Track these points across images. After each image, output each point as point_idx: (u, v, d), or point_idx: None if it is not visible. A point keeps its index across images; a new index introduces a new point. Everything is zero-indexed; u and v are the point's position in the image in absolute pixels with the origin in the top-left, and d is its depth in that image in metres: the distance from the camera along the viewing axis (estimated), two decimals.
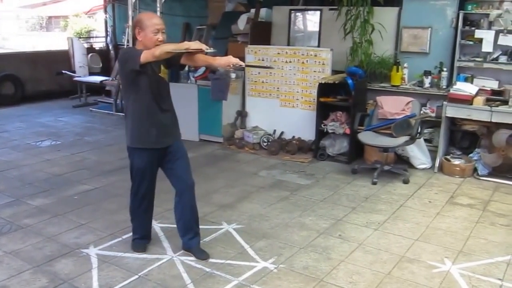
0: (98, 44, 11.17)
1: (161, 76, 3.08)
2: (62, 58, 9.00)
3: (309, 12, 6.45)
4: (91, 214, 3.92)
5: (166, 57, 2.86)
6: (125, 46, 9.17)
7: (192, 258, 3.21)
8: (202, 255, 3.24)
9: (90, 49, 9.94)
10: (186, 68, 6.39)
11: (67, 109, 8.44)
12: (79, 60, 8.94)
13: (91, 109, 8.43)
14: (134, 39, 3.00)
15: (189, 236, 3.27)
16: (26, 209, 4.02)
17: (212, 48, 2.97)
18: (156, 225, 3.72)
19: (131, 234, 3.54)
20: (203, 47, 2.87)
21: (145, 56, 2.78)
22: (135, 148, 3.13)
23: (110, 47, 10.11)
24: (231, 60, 3.02)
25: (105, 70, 9.40)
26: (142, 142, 3.08)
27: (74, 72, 8.89)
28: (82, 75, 8.90)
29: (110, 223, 3.76)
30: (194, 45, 2.86)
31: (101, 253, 3.28)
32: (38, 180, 4.74)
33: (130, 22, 7.87)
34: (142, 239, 3.40)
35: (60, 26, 19.92)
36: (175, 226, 3.63)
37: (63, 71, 8.81)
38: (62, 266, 3.10)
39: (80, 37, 12.23)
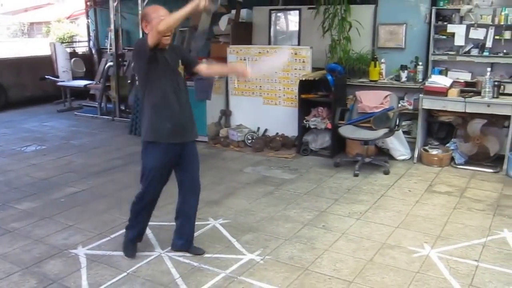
0: (81, 48, 11.13)
1: (178, 70, 3.00)
2: (45, 64, 8.93)
3: (289, 11, 6.55)
4: (78, 215, 3.93)
5: (174, 26, 2.74)
6: (108, 50, 9.20)
7: (180, 254, 3.24)
8: (198, 251, 3.27)
9: (73, 54, 9.87)
10: None
11: (52, 114, 8.39)
12: (62, 65, 8.88)
13: (75, 113, 8.41)
14: (143, 34, 2.95)
15: (188, 239, 3.28)
16: (13, 213, 4.01)
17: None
18: None
19: (119, 233, 3.56)
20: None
21: (151, 36, 2.71)
22: (149, 142, 2.96)
23: (93, 51, 10.08)
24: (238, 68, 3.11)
25: (89, 74, 9.36)
26: (156, 136, 2.94)
27: (57, 77, 8.84)
28: (65, 79, 8.85)
29: (98, 223, 3.77)
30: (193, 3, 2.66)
31: (89, 253, 3.29)
32: (25, 185, 4.71)
33: (112, 26, 7.90)
34: (134, 242, 3.28)
35: (42, 32, 19.73)
36: (163, 223, 3.72)
37: (47, 76, 8.75)
38: (51, 267, 3.11)
39: (63, 42, 12.15)
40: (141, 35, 7.24)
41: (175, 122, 2.96)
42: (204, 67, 3.17)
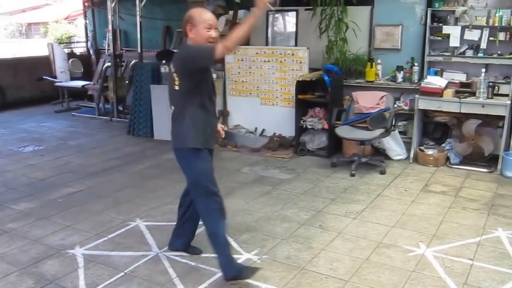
0: (79, 49, 11.17)
1: (213, 82, 2.96)
2: (43, 64, 8.96)
3: (286, 12, 6.58)
4: (76, 216, 3.94)
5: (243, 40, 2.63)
6: (106, 51, 9.22)
7: (178, 253, 3.25)
8: (196, 251, 3.29)
9: (71, 54, 9.91)
10: (167, 70, 6.50)
11: (50, 115, 8.40)
12: (60, 65, 8.90)
13: (73, 113, 8.42)
14: (185, 36, 2.81)
15: (189, 239, 3.28)
16: (10, 213, 4.02)
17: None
18: (141, 223, 3.79)
19: (117, 233, 3.60)
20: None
21: (220, 51, 2.56)
22: (195, 149, 2.83)
23: (91, 52, 10.12)
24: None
25: (87, 75, 9.39)
26: (202, 142, 2.84)
27: (55, 77, 8.87)
28: (63, 80, 8.87)
29: (96, 223, 3.79)
30: (259, 8, 2.56)
31: (87, 253, 3.31)
32: (22, 185, 4.73)
33: (110, 27, 7.93)
34: (242, 266, 3.00)
35: (40, 32, 19.73)
36: (160, 223, 3.75)
37: (44, 77, 8.78)
38: (48, 267, 3.12)
39: (61, 43, 12.17)
40: (136, 35, 7.33)
41: (213, 128, 2.95)
42: None
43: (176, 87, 2.80)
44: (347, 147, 5.57)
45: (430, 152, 5.24)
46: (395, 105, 5.37)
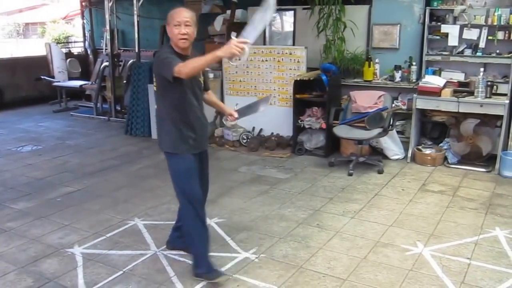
0: (77, 49, 11.16)
1: (198, 79, 2.89)
2: (41, 64, 8.95)
3: (284, 12, 6.58)
4: (74, 215, 3.96)
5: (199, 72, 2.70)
6: (103, 51, 9.21)
7: (176, 252, 3.25)
8: None
9: (69, 54, 9.90)
10: None
11: (48, 115, 8.41)
12: (58, 65, 8.90)
13: (71, 113, 8.41)
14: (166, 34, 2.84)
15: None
16: (8, 212, 4.04)
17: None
18: (139, 222, 3.80)
19: (115, 232, 3.61)
20: (238, 48, 2.41)
21: (177, 72, 2.57)
22: (173, 153, 2.86)
23: (89, 51, 10.11)
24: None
25: (85, 75, 9.39)
26: (181, 148, 2.84)
27: (53, 77, 8.86)
28: (61, 80, 8.87)
29: (94, 222, 3.80)
30: (225, 52, 2.45)
31: (85, 252, 3.32)
32: (20, 185, 4.74)
33: (107, 26, 7.92)
34: (212, 267, 2.95)
35: (37, 32, 19.70)
36: (157, 222, 3.77)
37: (42, 77, 8.78)
38: (47, 266, 3.14)
39: (59, 43, 12.16)
40: (134, 34, 7.32)
41: (196, 130, 2.89)
42: (208, 94, 3.12)
43: (155, 88, 2.89)
44: (344, 146, 5.57)
45: (428, 151, 5.24)
46: (393, 105, 5.37)
